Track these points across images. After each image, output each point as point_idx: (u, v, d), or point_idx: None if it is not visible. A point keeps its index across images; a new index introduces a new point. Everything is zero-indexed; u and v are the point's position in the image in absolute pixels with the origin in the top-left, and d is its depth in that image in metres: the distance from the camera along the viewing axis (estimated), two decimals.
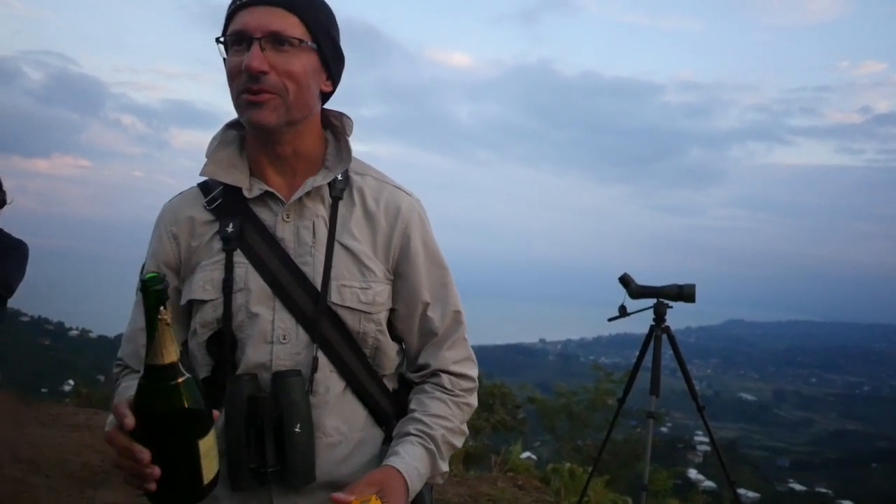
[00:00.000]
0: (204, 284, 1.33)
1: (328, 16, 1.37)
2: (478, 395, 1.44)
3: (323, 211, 1.37)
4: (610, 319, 3.96)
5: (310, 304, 1.32)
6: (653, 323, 3.82)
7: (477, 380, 1.45)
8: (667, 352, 3.85)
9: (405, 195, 1.45)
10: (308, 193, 1.36)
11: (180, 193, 1.45)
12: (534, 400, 12.17)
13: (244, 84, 1.26)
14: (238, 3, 1.29)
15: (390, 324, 1.41)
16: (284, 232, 1.34)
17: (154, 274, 0.99)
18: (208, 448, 1.03)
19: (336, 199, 1.38)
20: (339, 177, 1.39)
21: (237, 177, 1.36)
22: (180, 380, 0.99)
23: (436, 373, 1.42)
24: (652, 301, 3.88)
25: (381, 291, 1.37)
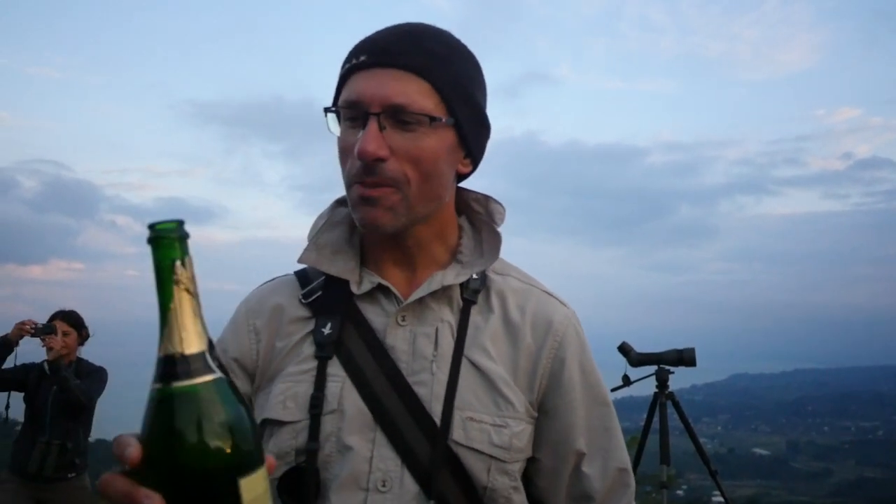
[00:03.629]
0: (285, 400, 0.99)
1: (471, 76, 1.04)
2: None
3: (450, 316, 1.04)
4: (613, 390, 3.92)
5: (423, 441, 0.96)
6: (656, 390, 3.79)
7: None
8: (673, 413, 3.82)
9: (560, 305, 1.10)
10: (434, 293, 1.03)
11: (273, 279, 1.14)
12: None
13: (357, 172, 0.96)
14: (354, 62, 0.98)
15: (527, 479, 1.04)
16: (396, 339, 1.01)
17: (169, 222, 0.62)
18: (256, 493, 0.62)
19: (468, 303, 1.04)
20: (475, 275, 1.05)
21: (344, 266, 1.05)
22: (209, 378, 0.61)
23: None
24: (653, 367, 3.86)
25: (520, 433, 1.00)
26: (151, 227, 0.61)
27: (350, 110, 0.97)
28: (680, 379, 3.88)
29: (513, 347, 1.04)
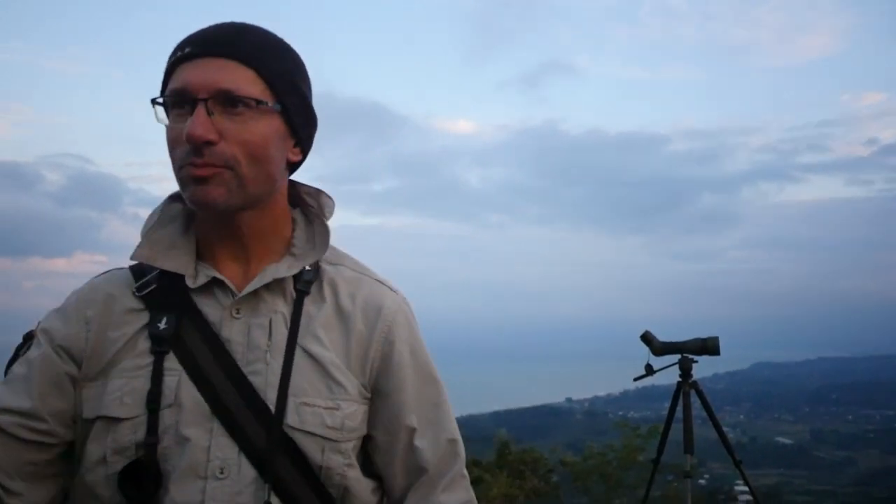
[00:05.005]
0: (122, 396, 1.00)
1: (296, 67, 1.08)
2: (509, 462, 1.20)
3: (284, 307, 1.07)
4: (636, 379, 3.94)
5: (258, 429, 1.00)
6: (679, 379, 3.79)
7: None
8: (696, 402, 3.83)
9: (389, 291, 1.16)
10: (268, 285, 1.06)
11: (107, 272, 1.13)
12: (565, 463, 11.94)
13: (186, 156, 0.99)
14: (179, 54, 1.01)
15: (365, 455, 1.10)
16: (232, 331, 1.04)
17: None
18: None
19: (301, 294, 1.08)
20: (308, 267, 1.09)
21: (179, 261, 1.06)
22: None
23: None
24: (677, 356, 3.87)
25: (352, 413, 1.06)
26: None
27: (177, 99, 1.00)
28: (702, 368, 3.87)
29: (344, 334, 1.09)
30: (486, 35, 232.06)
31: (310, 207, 1.15)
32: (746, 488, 4.00)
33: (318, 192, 1.15)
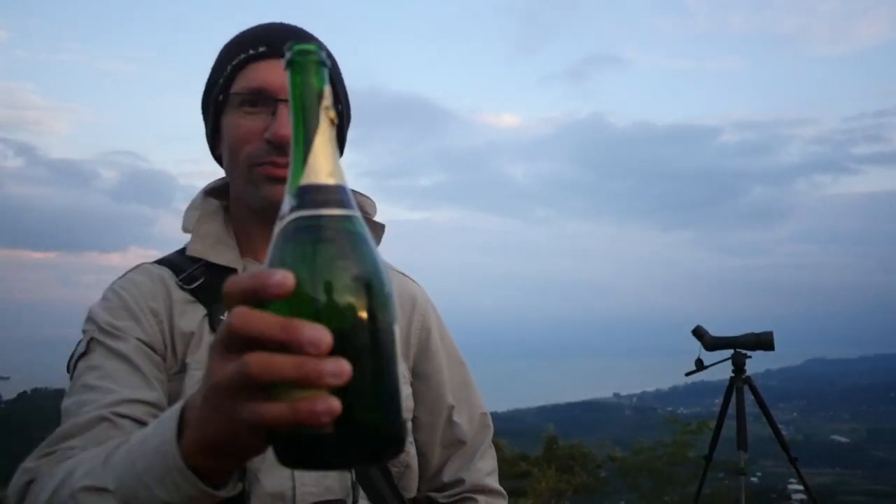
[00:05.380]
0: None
1: (341, 74, 1.13)
2: (557, 456, 1.30)
3: None
4: (687, 374, 3.88)
5: None
6: (732, 374, 3.72)
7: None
8: (748, 398, 3.75)
9: (414, 283, 1.25)
10: None
11: (134, 269, 1.11)
12: (614, 458, 11.84)
13: (264, 154, 1.02)
14: (252, 52, 1.04)
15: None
16: None
17: (310, 43, 0.58)
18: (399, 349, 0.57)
19: None
20: None
21: (228, 256, 1.09)
22: (356, 213, 0.57)
23: (470, 493, 1.19)
24: (729, 351, 3.79)
25: (408, 396, 1.16)
26: (294, 48, 0.58)
27: (254, 97, 1.03)
28: (753, 364, 3.80)
29: None
30: (531, 28, 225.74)
31: None
32: (800, 487, 3.92)
33: (354, 192, 1.18)
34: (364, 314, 0.53)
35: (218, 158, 1.15)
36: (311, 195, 0.55)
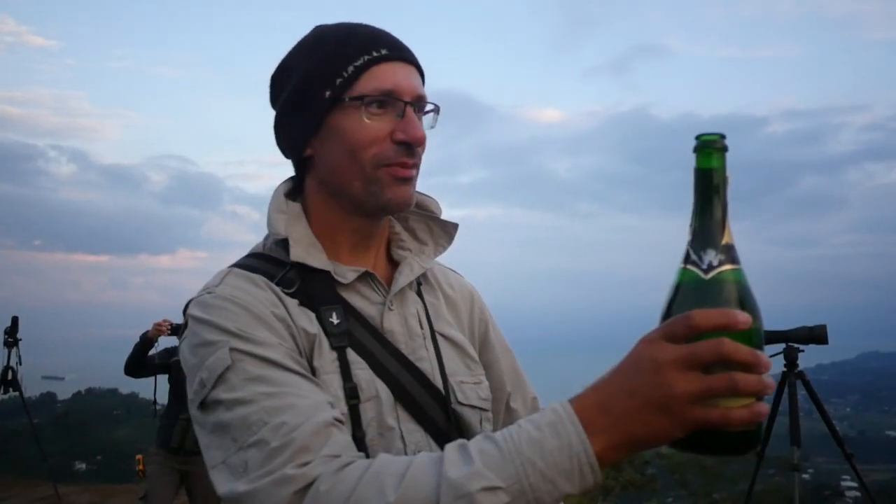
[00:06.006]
0: (336, 393, 1.01)
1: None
2: None
3: (416, 297, 1.17)
4: None
5: (437, 409, 1.08)
6: (784, 369, 3.65)
7: None
8: (801, 393, 3.68)
9: (465, 279, 1.32)
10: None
11: (228, 276, 1.07)
12: (662, 455, 11.69)
13: (393, 155, 1.04)
14: (375, 54, 1.05)
15: None
16: (392, 323, 1.10)
17: (718, 133, 0.79)
18: None
19: (419, 284, 1.19)
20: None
21: (321, 258, 1.09)
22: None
23: None
24: (781, 346, 3.72)
25: (486, 387, 1.19)
26: (707, 138, 0.79)
27: (383, 99, 1.04)
28: (805, 358, 3.72)
29: (457, 318, 1.23)
30: (573, 21, 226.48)
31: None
32: (855, 484, 3.84)
33: (418, 193, 1.18)
34: (762, 339, 0.78)
35: (298, 157, 1.13)
36: (733, 253, 0.77)
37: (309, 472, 0.85)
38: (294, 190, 1.16)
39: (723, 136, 0.78)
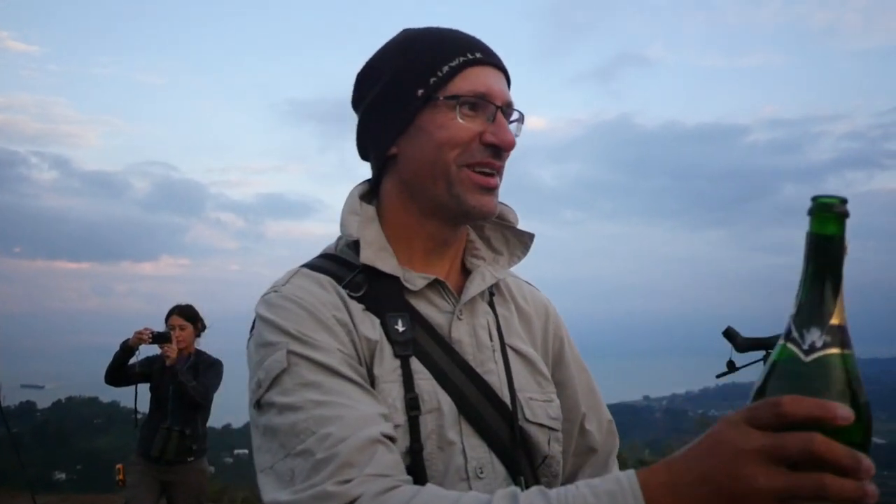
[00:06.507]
0: (394, 402, 0.98)
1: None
2: None
3: (487, 308, 1.13)
4: (718, 376, 3.82)
5: (502, 425, 1.04)
6: None
7: None
8: None
9: (541, 293, 1.27)
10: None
11: (296, 275, 1.07)
12: (645, 462, 11.72)
13: (479, 154, 1.04)
14: (470, 57, 1.06)
15: None
16: (460, 333, 1.07)
17: (839, 197, 0.68)
18: None
19: (491, 295, 1.15)
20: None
21: (391, 263, 1.06)
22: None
23: None
24: (761, 353, 3.74)
25: (558, 405, 1.15)
26: (826, 201, 0.68)
27: (475, 100, 1.04)
28: None
29: (530, 333, 1.18)
30: (558, 30, 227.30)
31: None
32: None
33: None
34: (870, 439, 0.67)
35: (382, 156, 1.11)
36: (843, 335, 0.67)
37: (350, 491, 0.83)
38: (369, 193, 1.15)
39: (844, 201, 0.68)
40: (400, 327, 1.02)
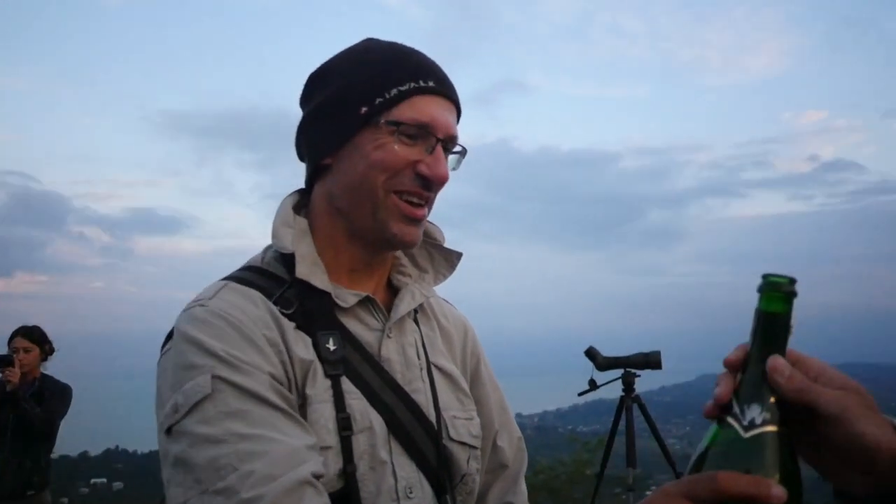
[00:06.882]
0: (326, 423, 0.96)
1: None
2: None
3: (414, 326, 1.13)
4: (580, 394, 3.97)
5: (429, 444, 1.04)
6: (622, 393, 3.83)
7: None
8: (641, 415, 3.86)
9: (460, 312, 1.27)
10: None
11: (223, 289, 1.02)
12: None
13: (410, 184, 1.03)
14: (423, 84, 1.04)
15: None
16: (390, 351, 1.06)
17: (787, 277, 0.68)
18: None
19: (415, 312, 1.14)
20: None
21: (322, 279, 1.04)
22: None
23: None
24: (620, 371, 3.90)
25: (476, 424, 1.15)
26: (775, 280, 0.68)
27: (415, 130, 1.03)
28: (649, 381, 3.91)
29: (451, 351, 1.18)
30: (439, 53, 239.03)
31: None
32: None
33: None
34: None
35: (315, 164, 1.09)
36: (783, 413, 0.67)
37: None
38: (299, 205, 1.12)
39: (793, 281, 0.68)
40: (331, 346, 1.00)
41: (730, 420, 0.68)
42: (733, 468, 0.64)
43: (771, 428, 0.66)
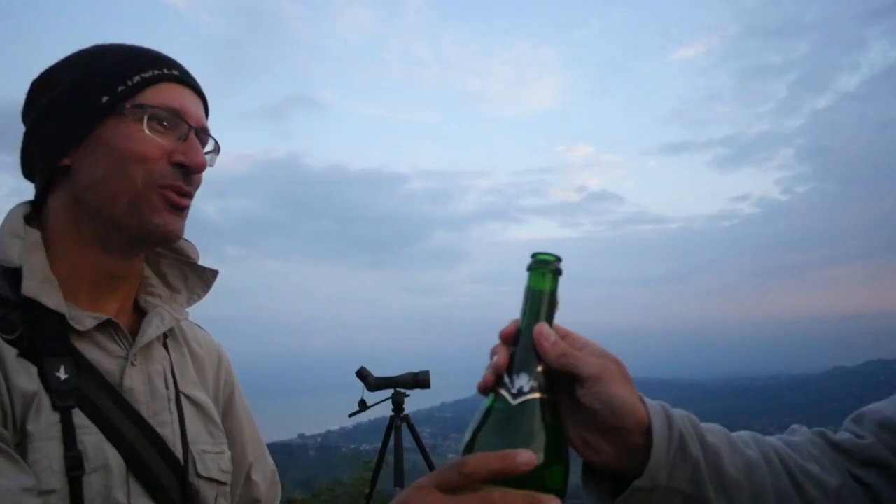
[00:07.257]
0: (51, 464, 0.86)
1: None
2: None
3: (164, 352, 1.04)
4: (351, 415, 3.97)
5: (174, 482, 0.96)
6: (392, 413, 3.88)
7: None
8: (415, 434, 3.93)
9: (213, 338, 1.19)
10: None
11: None
12: (294, 501, 11.70)
13: (169, 176, 0.96)
14: (167, 72, 0.99)
15: None
16: (133, 380, 0.96)
17: (553, 254, 0.72)
18: None
19: (165, 338, 1.05)
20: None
21: (56, 299, 0.92)
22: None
23: None
24: (390, 391, 3.94)
25: (228, 458, 1.09)
26: (543, 258, 0.72)
27: (166, 115, 0.97)
28: (432, 396, 4.00)
29: (203, 379, 1.11)
30: (230, 64, 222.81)
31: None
32: None
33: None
34: (566, 483, 0.68)
35: (51, 168, 0.95)
36: (549, 381, 0.70)
37: None
38: (31, 217, 0.97)
39: (559, 259, 0.73)
40: (62, 375, 0.89)
41: (501, 391, 0.70)
42: (500, 436, 0.67)
43: (537, 395, 0.69)
